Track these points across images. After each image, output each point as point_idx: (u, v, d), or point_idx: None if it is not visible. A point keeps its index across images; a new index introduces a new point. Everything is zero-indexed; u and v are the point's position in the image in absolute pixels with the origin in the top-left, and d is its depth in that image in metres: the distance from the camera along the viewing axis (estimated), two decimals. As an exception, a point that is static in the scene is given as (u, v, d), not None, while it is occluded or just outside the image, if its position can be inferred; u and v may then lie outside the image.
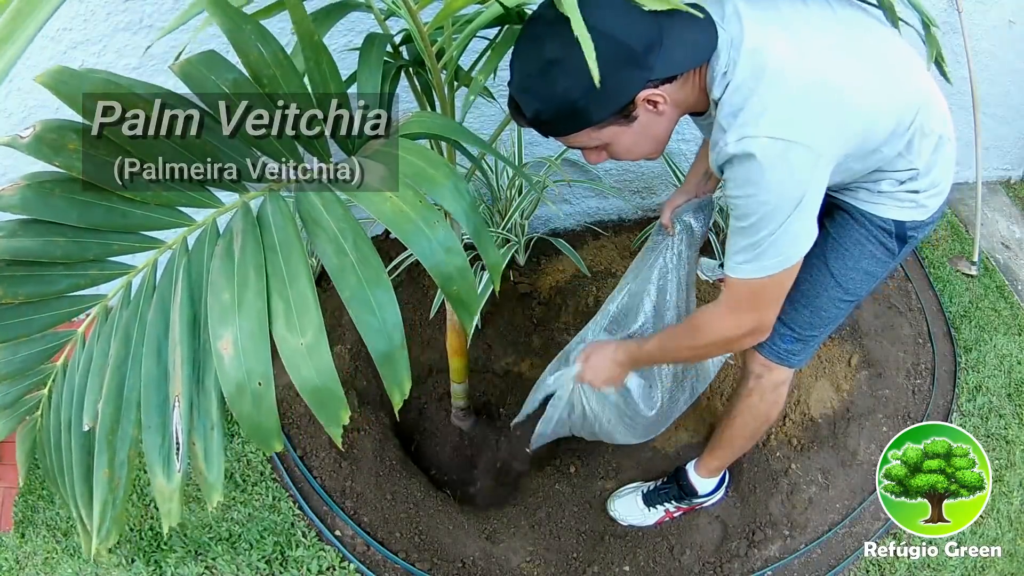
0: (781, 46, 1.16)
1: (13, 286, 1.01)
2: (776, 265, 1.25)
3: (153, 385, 0.99)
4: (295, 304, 0.91)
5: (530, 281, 2.70)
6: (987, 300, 2.87)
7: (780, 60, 1.15)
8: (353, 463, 2.22)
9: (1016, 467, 2.40)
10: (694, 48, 1.16)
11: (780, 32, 1.17)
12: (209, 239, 1.04)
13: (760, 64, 1.15)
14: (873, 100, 1.24)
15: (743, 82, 1.16)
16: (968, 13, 2.61)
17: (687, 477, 2.11)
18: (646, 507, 2.14)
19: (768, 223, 1.20)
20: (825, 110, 1.17)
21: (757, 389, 1.76)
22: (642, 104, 1.18)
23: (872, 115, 1.24)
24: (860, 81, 1.21)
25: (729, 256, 1.30)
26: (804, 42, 1.18)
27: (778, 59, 1.15)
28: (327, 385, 0.90)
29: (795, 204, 1.18)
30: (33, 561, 2.05)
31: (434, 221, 0.92)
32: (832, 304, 1.58)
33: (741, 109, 1.16)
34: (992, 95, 2.98)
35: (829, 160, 1.20)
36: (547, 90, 1.14)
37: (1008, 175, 3.49)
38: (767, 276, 1.26)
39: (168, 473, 0.97)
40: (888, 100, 1.26)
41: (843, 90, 1.18)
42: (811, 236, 1.25)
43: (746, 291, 1.31)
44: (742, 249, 1.26)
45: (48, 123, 0.89)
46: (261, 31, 0.94)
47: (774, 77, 1.14)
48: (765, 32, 1.16)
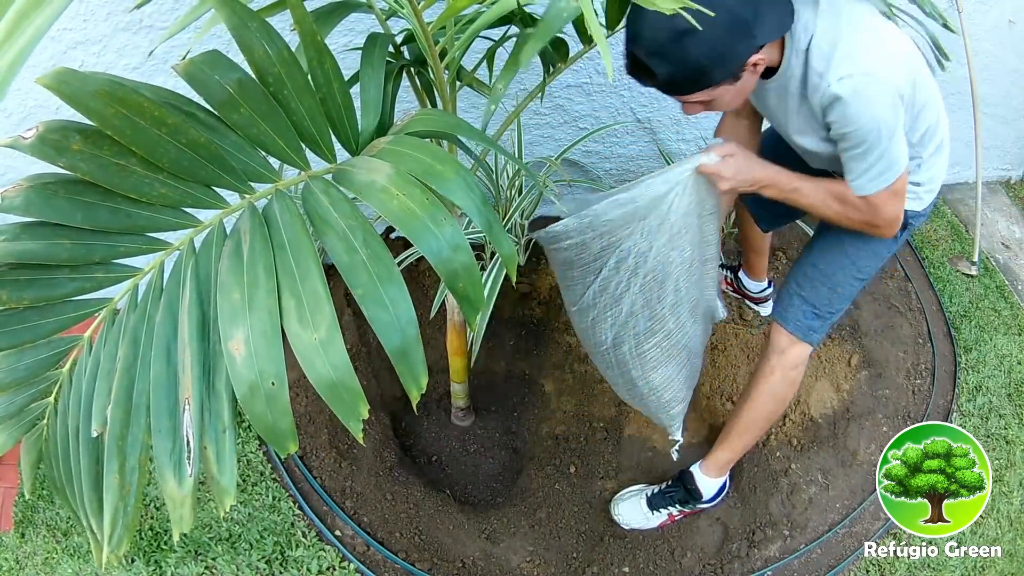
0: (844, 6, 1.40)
1: (17, 290, 0.99)
2: (893, 175, 1.47)
3: (163, 388, 0.98)
4: (307, 300, 0.90)
5: (530, 281, 2.70)
6: (987, 300, 2.87)
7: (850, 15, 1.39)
8: (353, 463, 2.22)
9: (1016, 467, 2.41)
10: (782, 16, 1.37)
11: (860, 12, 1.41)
12: (216, 239, 1.03)
13: (835, 19, 1.38)
14: (919, 65, 1.48)
15: (824, 32, 1.38)
16: (968, 13, 2.61)
17: (693, 480, 2.11)
18: (650, 511, 2.14)
19: (879, 143, 1.41)
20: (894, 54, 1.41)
21: (779, 366, 1.85)
22: (748, 67, 1.38)
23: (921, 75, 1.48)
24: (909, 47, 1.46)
25: (854, 179, 1.50)
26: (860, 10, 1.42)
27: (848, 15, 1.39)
28: (343, 379, 0.89)
29: (892, 127, 1.40)
30: (33, 561, 2.04)
31: (441, 219, 0.92)
32: (847, 282, 1.77)
33: (831, 55, 1.37)
34: (992, 95, 2.98)
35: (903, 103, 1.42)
36: (680, 56, 1.30)
37: (1008, 175, 3.49)
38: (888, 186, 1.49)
39: (180, 478, 0.96)
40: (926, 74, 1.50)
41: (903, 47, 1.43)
42: (907, 152, 1.48)
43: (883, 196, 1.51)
44: (864, 171, 1.47)
45: (51, 124, 0.89)
46: (267, 29, 0.94)
47: (849, 27, 1.38)
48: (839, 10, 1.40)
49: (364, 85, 1.21)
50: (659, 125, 2.62)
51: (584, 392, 2.50)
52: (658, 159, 2.74)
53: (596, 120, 2.51)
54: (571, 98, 2.42)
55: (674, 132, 2.67)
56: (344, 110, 1.08)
